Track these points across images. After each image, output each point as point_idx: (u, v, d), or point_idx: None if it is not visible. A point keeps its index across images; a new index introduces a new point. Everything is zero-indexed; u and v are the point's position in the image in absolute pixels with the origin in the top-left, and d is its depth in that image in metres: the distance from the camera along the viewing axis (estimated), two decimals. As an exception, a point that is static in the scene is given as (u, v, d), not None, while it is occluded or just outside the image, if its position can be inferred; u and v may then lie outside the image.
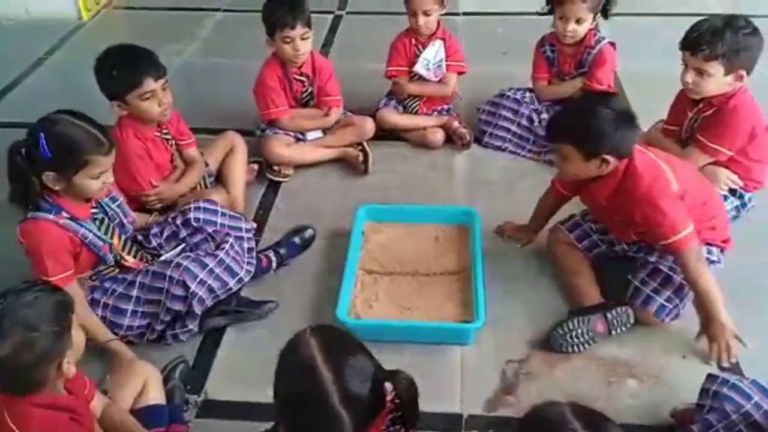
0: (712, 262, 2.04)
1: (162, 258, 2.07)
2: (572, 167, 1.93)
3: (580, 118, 1.86)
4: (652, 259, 2.03)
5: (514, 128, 2.90)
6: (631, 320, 2.00)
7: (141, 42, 2.35)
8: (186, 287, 1.93)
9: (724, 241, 2.09)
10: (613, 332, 1.98)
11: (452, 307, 2.09)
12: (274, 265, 2.26)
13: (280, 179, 2.78)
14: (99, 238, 1.95)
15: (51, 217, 1.83)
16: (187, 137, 2.50)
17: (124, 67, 2.20)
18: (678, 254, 1.88)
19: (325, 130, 2.90)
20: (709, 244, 2.04)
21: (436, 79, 2.97)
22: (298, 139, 2.85)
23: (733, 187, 2.36)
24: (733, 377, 1.62)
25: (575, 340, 1.95)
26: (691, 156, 2.29)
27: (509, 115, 2.91)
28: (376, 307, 2.10)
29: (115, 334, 1.95)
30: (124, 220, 2.07)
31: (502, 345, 2.03)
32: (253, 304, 2.08)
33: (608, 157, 1.84)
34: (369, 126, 2.85)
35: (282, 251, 2.30)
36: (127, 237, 2.09)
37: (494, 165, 2.87)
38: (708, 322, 1.90)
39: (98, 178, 1.85)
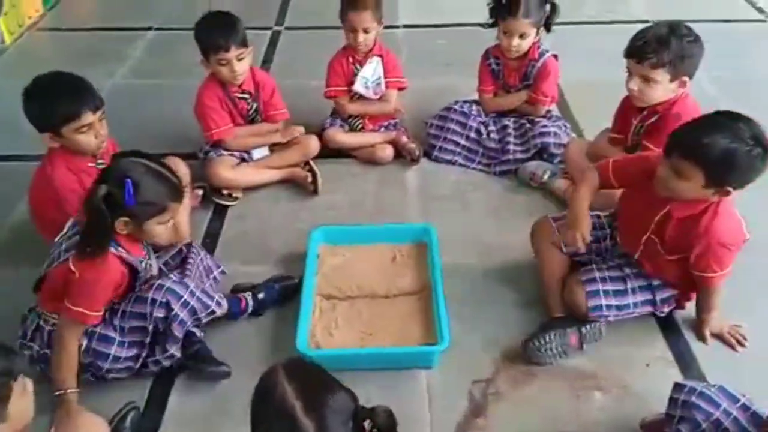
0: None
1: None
2: (683, 187, 1.77)
3: (729, 145, 1.66)
4: (627, 270, 2.02)
5: (462, 141, 2.89)
6: (603, 335, 2.01)
7: (69, 65, 2.22)
8: (169, 309, 1.83)
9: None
10: (585, 346, 1.98)
11: (415, 330, 2.04)
12: (249, 309, 2.11)
13: (229, 203, 2.67)
14: (144, 272, 1.89)
15: (113, 250, 1.77)
16: None
17: (59, 99, 2.05)
18: (713, 285, 1.92)
19: (272, 147, 2.81)
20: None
21: (376, 97, 2.93)
22: (243, 160, 2.75)
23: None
24: (700, 385, 1.62)
25: (550, 352, 1.94)
26: None
27: (457, 128, 2.89)
28: (337, 334, 2.03)
29: (100, 368, 1.83)
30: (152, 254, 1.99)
31: (468, 365, 1.99)
32: (209, 361, 1.94)
33: (731, 189, 1.74)
34: (313, 144, 2.78)
35: (260, 296, 2.13)
36: None
37: (445, 179, 2.84)
38: (704, 324, 2.02)
39: (167, 223, 1.82)
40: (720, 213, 1.81)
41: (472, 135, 2.88)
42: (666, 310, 2.05)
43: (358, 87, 2.88)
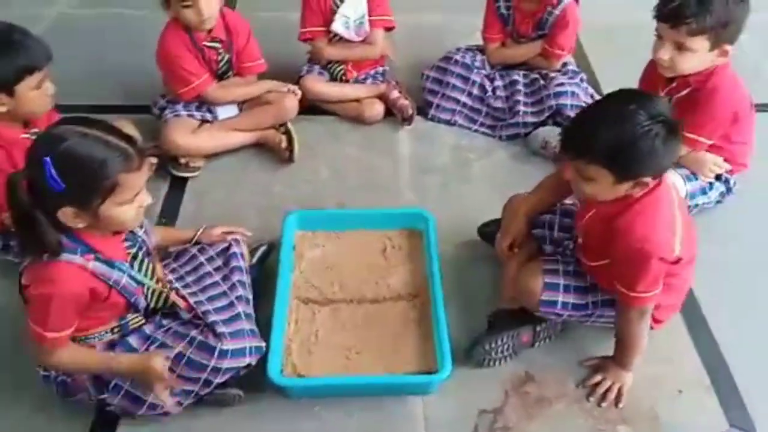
0: None
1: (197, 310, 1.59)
2: (594, 189, 1.48)
3: (620, 132, 1.37)
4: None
5: (464, 99, 2.49)
6: (557, 333, 1.79)
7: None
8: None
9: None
10: (537, 344, 1.76)
11: (410, 348, 1.71)
12: None
13: (188, 174, 2.27)
14: (133, 279, 1.49)
15: (77, 259, 1.37)
16: None
17: (13, 49, 1.68)
18: (631, 308, 1.56)
19: (240, 106, 2.39)
20: None
21: (359, 39, 2.49)
22: (204, 121, 2.32)
23: (719, 172, 2.06)
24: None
25: (500, 355, 1.71)
26: None
27: (458, 83, 2.48)
28: (317, 352, 1.70)
29: (131, 415, 1.55)
30: (150, 246, 1.58)
31: (472, 389, 1.69)
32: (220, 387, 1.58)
33: (646, 179, 1.44)
34: (290, 104, 2.35)
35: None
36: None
37: (443, 143, 2.46)
38: (611, 361, 1.70)
39: (132, 203, 1.38)
40: (637, 211, 1.48)
41: (475, 91, 2.48)
42: None
43: (338, 27, 2.44)
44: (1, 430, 1.59)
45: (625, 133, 1.37)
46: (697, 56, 1.84)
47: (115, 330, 1.54)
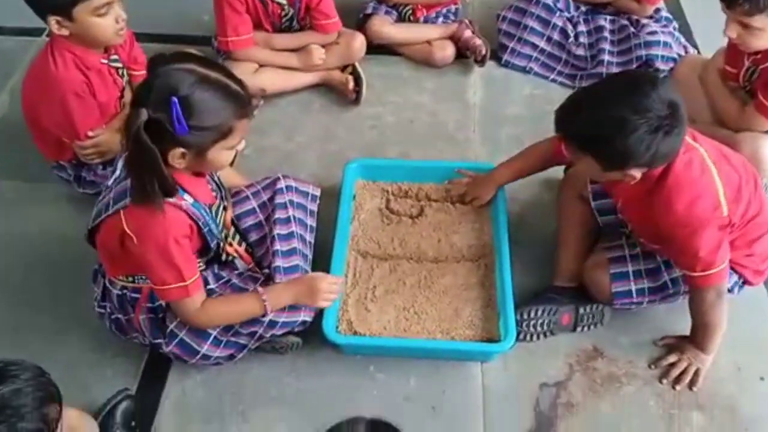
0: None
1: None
2: (583, 169, 1.45)
3: (604, 126, 1.28)
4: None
5: (542, 44, 2.30)
6: (605, 321, 1.66)
7: None
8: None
9: (757, 272, 1.57)
10: (578, 329, 1.65)
11: (472, 313, 1.63)
12: None
13: (246, 113, 2.18)
14: (216, 224, 1.45)
15: (172, 200, 1.32)
16: (142, 66, 1.89)
17: None
18: (699, 290, 1.46)
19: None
20: (733, 269, 1.54)
21: None
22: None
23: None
24: None
25: (533, 329, 1.62)
26: (751, 120, 1.84)
27: (537, 26, 2.29)
28: (374, 309, 1.63)
29: (185, 361, 1.51)
30: (225, 191, 1.55)
31: (534, 360, 1.61)
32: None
33: (635, 172, 1.35)
34: (358, 44, 2.23)
35: None
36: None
37: (517, 92, 2.29)
38: (689, 341, 1.58)
39: (233, 148, 1.34)
40: (670, 187, 1.37)
41: (555, 36, 2.29)
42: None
43: None
44: (55, 365, 1.58)
45: (607, 126, 1.28)
46: (765, 34, 1.69)
47: None
